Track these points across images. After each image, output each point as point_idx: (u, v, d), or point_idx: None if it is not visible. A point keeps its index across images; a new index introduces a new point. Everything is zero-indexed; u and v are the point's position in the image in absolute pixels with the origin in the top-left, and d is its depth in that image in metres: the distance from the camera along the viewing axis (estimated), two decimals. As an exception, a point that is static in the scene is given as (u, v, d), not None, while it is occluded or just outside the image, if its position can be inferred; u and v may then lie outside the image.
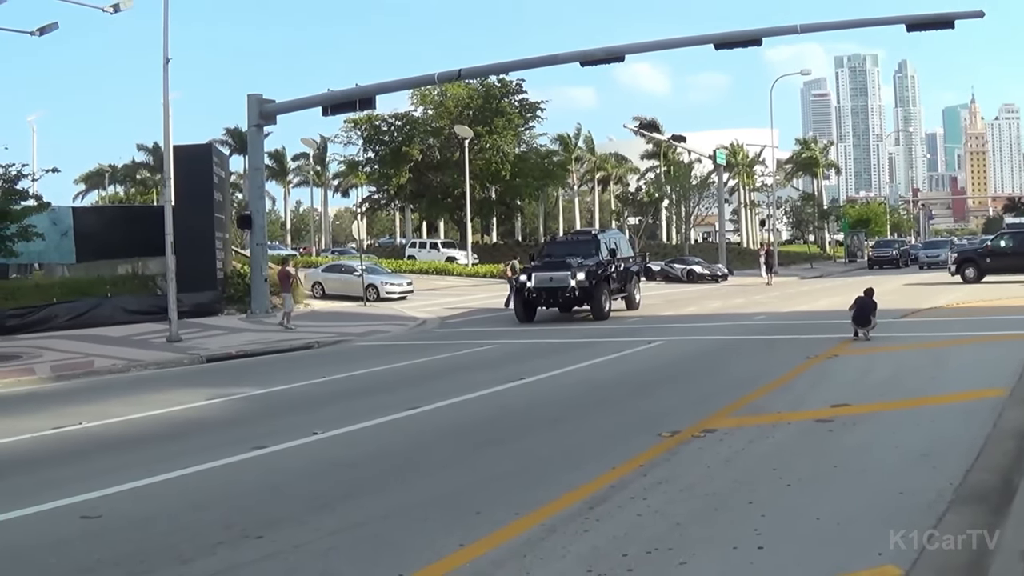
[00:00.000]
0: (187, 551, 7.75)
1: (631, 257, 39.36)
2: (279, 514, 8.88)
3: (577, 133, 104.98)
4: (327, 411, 15.57)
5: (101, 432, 14.66)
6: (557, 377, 18.74)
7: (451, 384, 18.06)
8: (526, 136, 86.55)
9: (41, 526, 8.92)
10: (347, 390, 18.63)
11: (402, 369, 21.64)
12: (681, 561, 7.04)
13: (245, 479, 10.78)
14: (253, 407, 17.01)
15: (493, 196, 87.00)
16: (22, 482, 11.07)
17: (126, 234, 40.72)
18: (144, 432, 14.54)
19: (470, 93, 79.54)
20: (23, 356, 25.76)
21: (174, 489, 10.29)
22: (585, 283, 32.16)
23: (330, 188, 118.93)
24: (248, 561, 7.45)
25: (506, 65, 44.73)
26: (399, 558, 7.37)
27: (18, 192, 26.81)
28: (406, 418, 14.35)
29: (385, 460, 11.47)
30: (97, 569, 7.41)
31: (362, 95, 40.76)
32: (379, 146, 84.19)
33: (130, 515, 9.15)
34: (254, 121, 40.83)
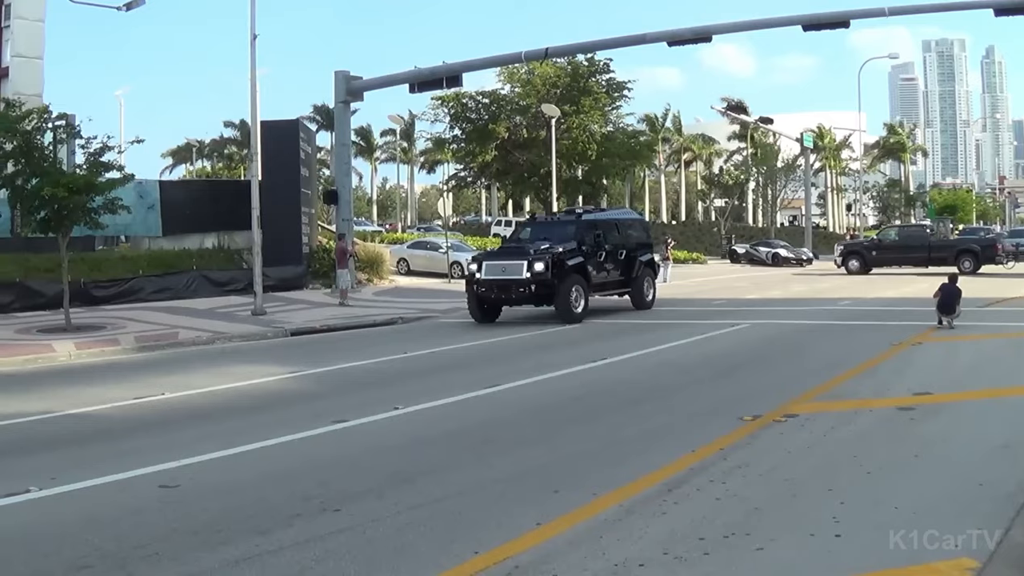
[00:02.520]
0: (264, 522, 7.92)
1: (643, 244, 31.59)
2: (357, 488, 9.03)
3: (665, 114, 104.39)
4: (408, 386, 15.73)
5: (183, 403, 14.99)
6: (639, 358, 18.74)
7: (532, 362, 18.12)
8: (613, 116, 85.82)
9: (120, 494, 9.16)
10: (429, 366, 18.81)
11: (483, 346, 21.84)
12: (758, 547, 7.03)
13: (324, 452, 10.95)
14: (335, 381, 17.25)
15: (579, 175, 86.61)
16: (102, 450, 11.40)
17: (212, 208, 41.52)
18: (225, 404, 14.91)
19: (557, 72, 79.01)
20: (108, 327, 26.37)
21: (253, 461, 10.54)
22: (544, 275, 25.53)
23: (416, 165, 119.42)
24: (325, 534, 7.57)
25: (593, 44, 44.51)
26: (475, 535, 7.45)
27: (103, 164, 27.33)
28: (487, 395, 14.46)
29: (465, 437, 11.58)
30: (173, 538, 7.59)
31: (448, 73, 40.89)
32: (466, 124, 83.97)
33: (208, 485, 9.38)
34: (341, 98, 41.22)
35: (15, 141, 25.95)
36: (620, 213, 36.27)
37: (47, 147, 26.75)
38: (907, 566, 6.62)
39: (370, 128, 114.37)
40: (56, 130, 27.39)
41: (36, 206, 25.61)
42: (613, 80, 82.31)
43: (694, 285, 42.75)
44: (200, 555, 7.17)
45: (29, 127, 26.22)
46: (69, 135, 27.68)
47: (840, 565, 6.70)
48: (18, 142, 25.96)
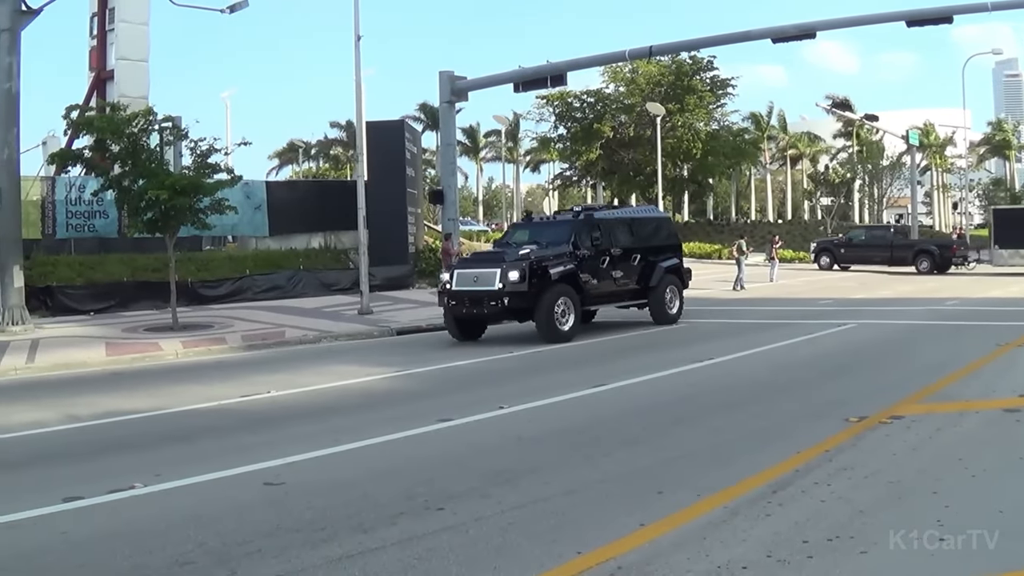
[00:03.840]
0: (368, 520, 7.95)
1: (666, 247, 27.16)
2: (461, 487, 9.03)
3: (769, 111, 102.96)
4: (512, 386, 15.80)
5: (288, 401, 15.21)
6: (746, 358, 18.60)
7: (637, 362, 18.06)
8: (718, 114, 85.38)
9: (224, 491, 9.31)
10: (533, 365, 18.88)
11: (588, 346, 21.80)
12: (862, 550, 6.93)
13: (429, 451, 11.00)
14: (440, 380, 17.37)
15: (685, 174, 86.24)
16: (208, 448, 11.62)
17: (319, 208, 42.20)
18: (331, 402, 15.08)
19: (661, 70, 78.83)
20: (215, 326, 26.89)
21: (358, 459, 10.65)
22: (519, 285, 21.87)
23: (522, 164, 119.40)
24: (428, 532, 7.58)
25: (697, 42, 43.96)
26: (579, 535, 7.41)
27: (210, 165, 27.82)
28: (591, 395, 14.44)
29: (569, 436, 11.53)
30: (276, 535, 7.65)
31: (553, 72, 40.76)
32: (571, 123, 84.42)
33: (313, 483, 9.45)
34: (446, 98, 41.38)
35: (122, 143, 26.53)
36: (636, 211, 32.63)
37: (153, 149, 27.30)
38: (1006, 572, 6.49)
39: (477, 127, 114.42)
40: (162, 132, 27.93)
41: (143, 207, 26.16)
42: (717, 78, 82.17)
43: (800, 285, 42.29)
44: (303, 552, 7.21)
45: (135, 129, 26.77)
46: (176, 137, 28.22)
47: (943, 569, 6.60)
48: (125, 144, 26.53)
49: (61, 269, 33.23)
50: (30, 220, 32.80)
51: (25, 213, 30.20)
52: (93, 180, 30.58)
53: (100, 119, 27.10)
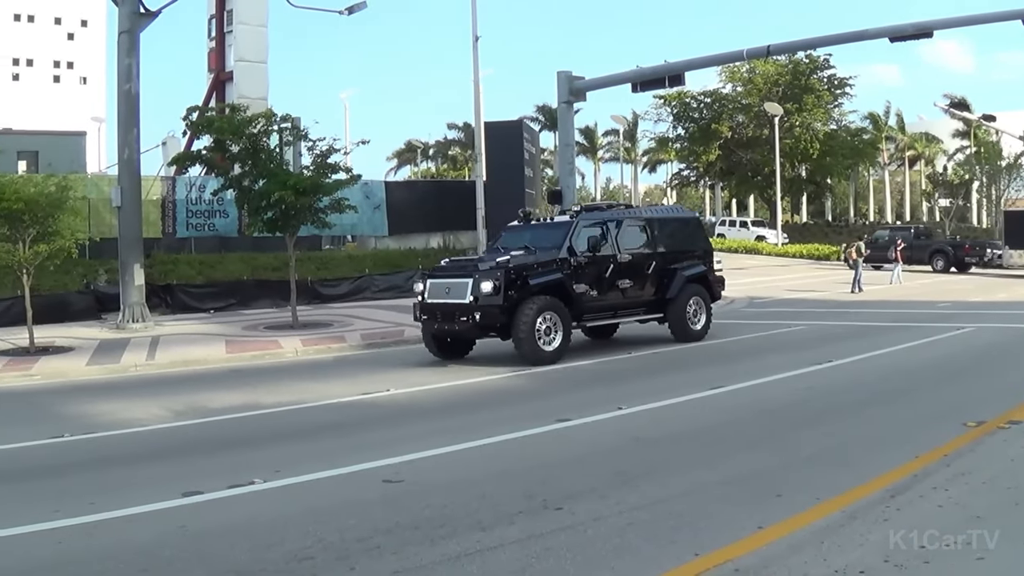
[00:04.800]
0: (487, 519, 7.96)
1: (690, 252, 23.62)
2: (580, 487, 9.00)
3: (887, 111, 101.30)
4: (631, 386, 15.74)
5: (406, 399, 15.32)
6: (864, 361, 18.25)
7: (757, 364, 17.88)
8: (835, 113, 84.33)
9: (343, 488, 9.39)
10: (651, 367, 18.76)
11: (709, 347, 21.59)
12: (979, 556, 6.81)
13: (547, 451, 10.99)
14: (557, 380, 17.31)
15: (803, 175, 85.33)
16: (327, 445, 11.75)
17: (437, 208, 42.57)
18: (449, 401, 15.19)
19: (778, 69, 78.26)
20: (334, 324, 27.15)
21: (476, 457, 10.68)
22: (494, 299, 18.92)
23: (639, 165, 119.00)
24: (546, 531, 7.57)
25: (814, 41, 43.34)
26: (696, 537, 7.36)
27: (330, 166, 28.14)
28: (709, 397, 14.32)
29: (687, 438, 11.50)
30: (395, 532, 7.67)
31: (671, 72, 40.60)
32: (688, 123, 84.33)
33: (431, 481, 9.47)
34: (564, 98, 41.50)
35: (242, 144, 26.96)
36: (654, 210, 26.80)
37: (273, 149, 27.70)
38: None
39: (594, 128, 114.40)
40: (282, 132, 28.31)
41: (263, 207, 26.55)
42: (834, 77, 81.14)
43: (918, 287, 41.41)
44: (421, 550, 7.22)
45: (255, 130, 27.18)
46: (295, 137, 28.59)
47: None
48: (245, 145, 26.96)
49: (181, 267, 33.89)
50: (150, 219, 33.60)
51: (146, 212, 30.89)
52: (213, 180, 31.22)
53: (220, 120, 27.57)
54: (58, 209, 23.10)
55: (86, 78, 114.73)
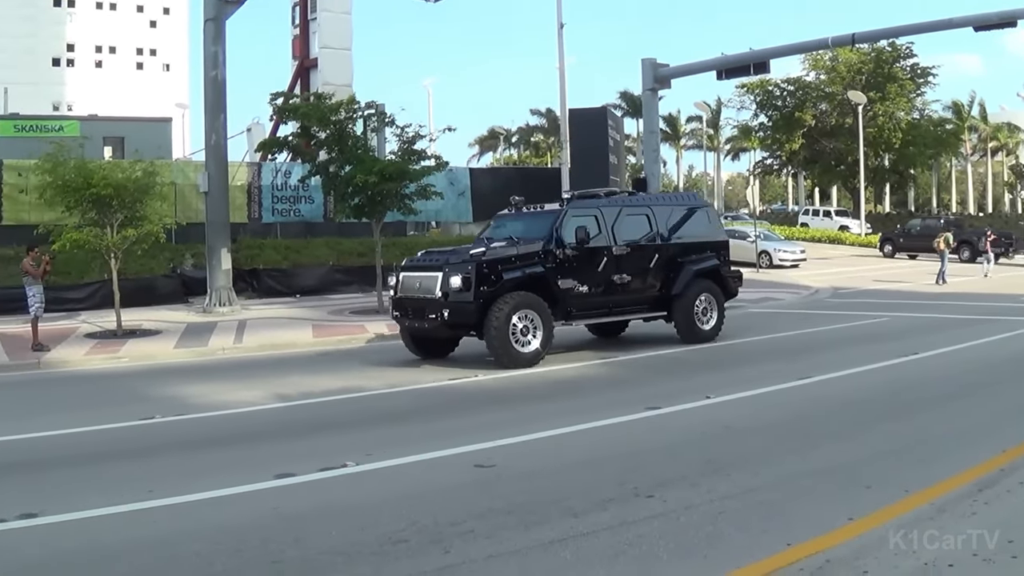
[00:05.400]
0: (578, 505, 7.96)
1: (702, 244, 21.23)
2: (671, 475, 8.99)
3: (971, 101, 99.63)
4: (719, 376, 15.70)
5: (495, 385, 15.43)
6: (951, 353, 18.03)
7: (843, 355, 17.73)
8: (918, 102, 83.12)
9: (434, 472, 9.44)
10: (739, 356, 18.70)
11: (795, 338, 21.45)
12: None
13: (638, 438, 10.98)
14: (644, 368, 17.31)
15: (886, 164, 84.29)
16: (416, 429, 11.84)
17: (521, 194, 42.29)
18: (538, 387, 15.18)
19: (861, 58, 77.35)
20: (420, 309, 27.28)
21: (567, 444, 10.68)
22: (464, 295, 17.27)
23: (722, 152, 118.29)
24: (638, 519, 7.57)
25: (900, 29, 42.69)
26: (787, 527, 7.33)
27: (416, 152, 28.30)
28: (798, 387, 14.25)
29: (777, 428, 11.44)
30: (489, 516, 7.71)
31: (755, 59, 40.34)
32: (771, 111, 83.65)
33: (522, 466, 9.52)
34: (648, 85, 41.41)
35: (328, 130, 27.15)
36: (659, 198, 24.52)
37: (360, 136, 27.87)
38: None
39: (678, 115, 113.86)
40: (367, 119, 28.46)
41: (349, 193, 26.74)
42: (917, 66, 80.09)
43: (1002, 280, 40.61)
44: (515, 534, 7.25)
45: (341, 116, 27.35)
46: (381, 124, 28.73)
47: None
48: (331, 131, 27.15)
49: (267, 252, 34.14)
50: (237, 204, 33.88)
51: (232, 198, 31.15)
52: (299, 166, 31.47)
53: (306, 107, 27.79)
54: (146, 194, 23.43)
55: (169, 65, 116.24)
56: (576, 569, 6.54)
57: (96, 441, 11.89)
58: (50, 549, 7.32)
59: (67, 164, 22.86)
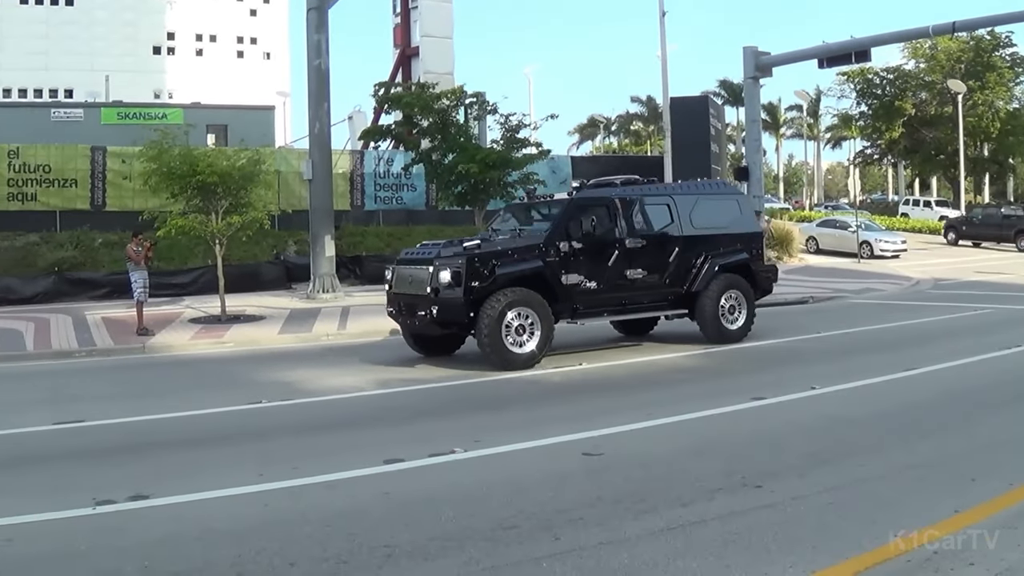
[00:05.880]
0: (686, 494, 7.98)
1: (729, 236, 19.70)
2: (777, 465, 8.99)
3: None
4: (823, 367, 15.55)
5: (599, 374, 15.48)
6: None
7: (946, 347, 17.52)
8: (1017, 91, 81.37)
9: (543, 460, 9.50)
10: (843, 347, 18.49)
11: (898, 329, 21.15)
12: None
13: (743, 429, 10.95)
14: (749, 358, 17.24)
15: (985, 154, 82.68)
16: (523, 417, 11.94)
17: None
18: (642, 376, 15.23)
19: (960, 46, 76.06)
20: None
21: (673, 433, 10.69)
22: (453, 292, 16.14)
23: (822, 141, 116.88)
24: (746, 509, 7.59)
25: (1000, 17, 41.74)
26: (894, 518, 7.27)
27: (519, 140, 28.44)
28: (903, 379, 14.10)
29: (882, 419, 11.33)
30: (597, 504, 7.75)
31: (857, 48, 39.86)
32: (871, 99, 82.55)
33: (629, 455, 9.53)
34: (750, 73, 41.15)
35: (431, 118, 27.38)
36: (683, 187, 20.91)
37: (463, 124, 28.07)
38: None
39: (778, 103, 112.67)
40: (469, 108, 28.65)
41: (452, 181, 26.95)
42: (1016, 55, 78.44)
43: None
44: (624, 523, 7.27)
45: (445, 105, 27.56)
46: (483, 112, 28.89)
47: None
48: (434, 119, 27.38)
49: (369, 239, 34.52)
50: (339, 192, 34.37)
51: (335, 185, 31.52)
52: (401, 154, 31.75)
53: (409, 95, 28.10)
54: (250, 181, 23.80)
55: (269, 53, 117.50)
56: (685, 558, 6.54)
57: (204, 425, 12.17)
58: (160, 531, 7.46)
59: (172, 151, 23.29)
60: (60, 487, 8.88)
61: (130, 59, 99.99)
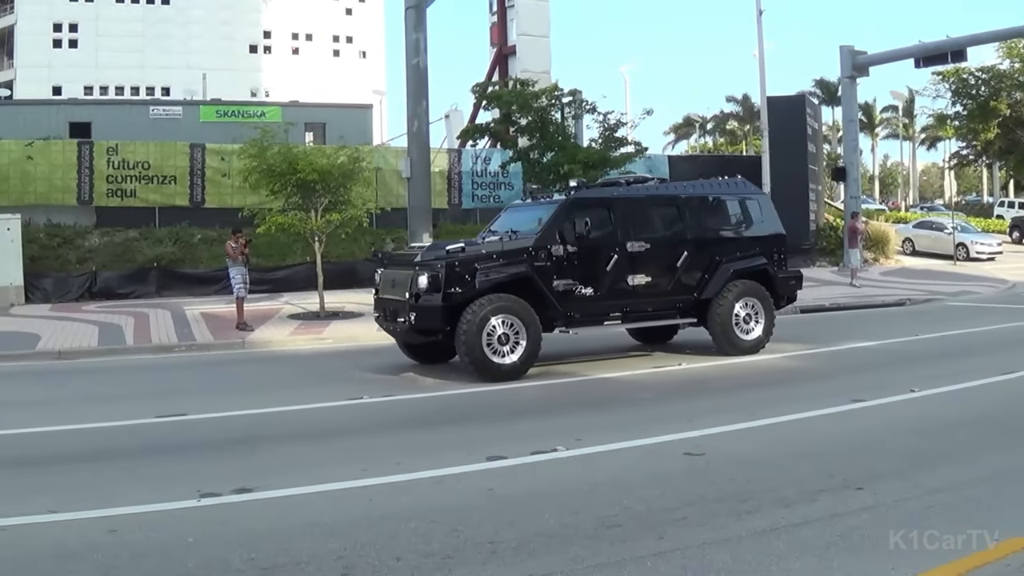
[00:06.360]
0: (789, 495, 8.00)
1: (749, 239, 18.43)
2: (879, 468, 8.97)
3: None
4: (921, 369, 15.39)
5: (699, 374, 15.56)
6: None
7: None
8: None
9: (645, 459, 9.58)
10: (941, 349, 18.29)
11: (995, 332, 20.88)
12: None
13: (844, 430, 10.93)
14: (847, 360, 17.18)
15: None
16: (625, 415, 12.04)
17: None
18: (742, 377, 15.21)
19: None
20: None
21: (774, 434, 10.71)
22: (431, 298, 15.34)
23: (916, 141, 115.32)
24: (848, 511, 7.58)
25: None
26: (997, 522, 7.21)
27: (617, 139, 28.51)
28: (1001, 382, 13.95)
29: (984, 423, 11.23)
30: (700, 504, 7.81)
31: (953, 47, 39.53)
32: (966, 100, 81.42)
33: (732, 455, 9.56)
34: (847, 73, 40.98)
35: (529, 117, 27.52)
36: (695, 186, 19.04)
37: (561, 123, 28.19)
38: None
39: (873, 103, 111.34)
40: (565, 107, 28.75)
41: (551, 179, 27.03)
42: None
43: None
44: (727, 522, 7.32)
45: (543, 104, 27.69)
46: (580, 111, 28.97)
47: None
48: (532, 118, 27.51)
49: (467, 237, 34.50)
50: (437, 190, 34.61)
51: (432, 183, 31.73)
52: (498, 152, 31.91)
53: (509, 94, 28.26)
54: (349, 179, 24.11)
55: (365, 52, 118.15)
56: (788, 559, 6.57)
57: (306, 420, 12.40)
58: (265, 524, 7.62)
59: (271, 149, 23.66)
60: (164, 479, 9.10)
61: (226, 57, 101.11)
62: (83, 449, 10.80)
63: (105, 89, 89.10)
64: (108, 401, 14.33)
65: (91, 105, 50.12)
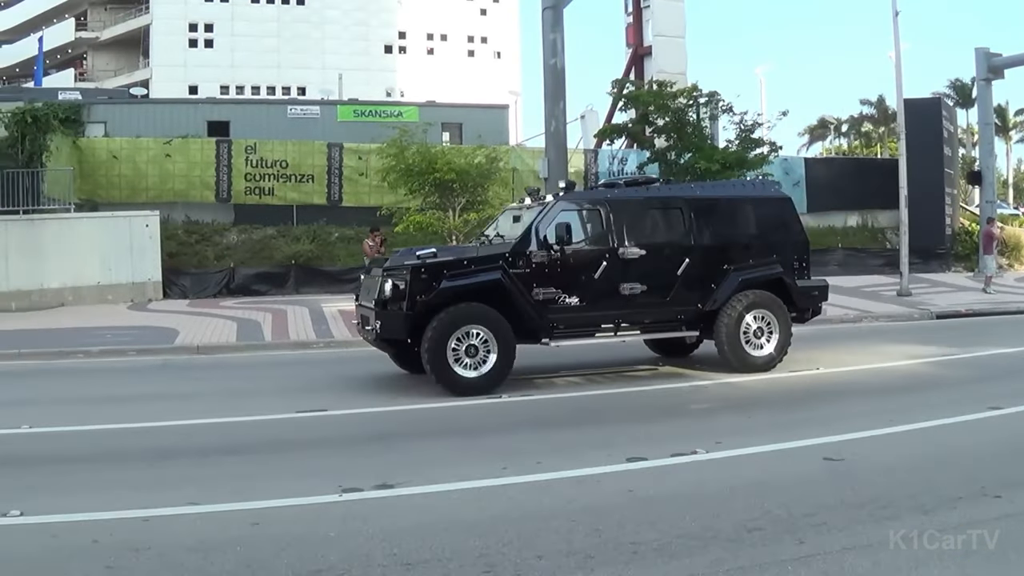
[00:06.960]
0: (927, 502, 8.00)
1: (758, 247, 16.80)
2: (1016, 475, 8.93)
3: None
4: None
5: (836, 379, 15.58)
6: None
7: None
8: None
9: (785, 463, 9.62)
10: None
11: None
12: None
13: (982, 438, 10.84)
14: (983, 366, 16.96)
15: None
16: (764, 419, 12.03)
17: (855, 186, 42.61)
18: (879, 382, 15.13)
19: None
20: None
21: (914, 440, 10.66)
22: (395, 305, 14.58)
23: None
24: (986, 519, 7.54)
25: None
26: None
27: (754, 140, 28.48)
28: None
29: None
30: (840, 509, 7.83)
31: (1091, 47, 38.53)
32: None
33: (871, 461, 9.56)
34: (982, 75, 40.32)
35: (667, 117, 27.58)
36: (703, 188, 18.36)
37: (698, 124, 28.21)
38: None
39: (1006, 106, 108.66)
40: (701, 108, 28.75)
41: (688, 181, 27.07)
42: None
43: None
44: (867, 528, 7.35)
45: (681, 104, 27.74)
46: (717, 111, 28.94)
47: None
48: (670, 119, 27.57)
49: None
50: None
51: (571, 184, 31.93)
52: (634, 153, 31.98)
53: (647, 95, 28.33)
54: (487, 179, 24.43)
55: (500, 52, 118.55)
56: (927, 566, 6.60)
57: (445, 418, 12.64)
58: (407, 520, 7.80)
59: (410, 149, 24.05)
60: (305, 474, 9.35)
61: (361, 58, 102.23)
62: (223, 442, 11.17)
63: (241, 89, 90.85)
64: (247, 396, 14.77)
65: (229, 104, 51.18)
